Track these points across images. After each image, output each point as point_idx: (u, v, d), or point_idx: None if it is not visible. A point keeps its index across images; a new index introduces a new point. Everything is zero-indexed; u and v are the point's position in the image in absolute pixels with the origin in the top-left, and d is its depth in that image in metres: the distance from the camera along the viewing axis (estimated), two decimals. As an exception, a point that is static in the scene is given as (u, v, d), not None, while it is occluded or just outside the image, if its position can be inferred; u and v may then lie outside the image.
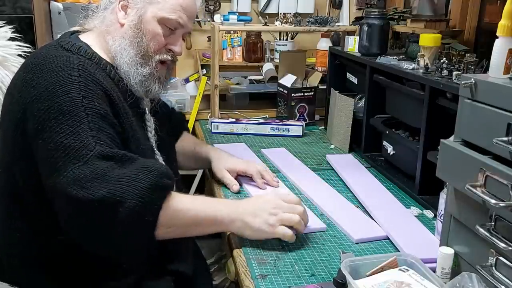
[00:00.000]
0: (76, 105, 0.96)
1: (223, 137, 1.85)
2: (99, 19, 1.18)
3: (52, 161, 0.92)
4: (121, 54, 1.12)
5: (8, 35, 1.47)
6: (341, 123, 1.74)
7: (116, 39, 1.13)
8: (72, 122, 0.95)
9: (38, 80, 0.99)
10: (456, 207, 0.88)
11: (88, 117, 0.96)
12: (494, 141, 0.76)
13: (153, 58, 1.15)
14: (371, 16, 1.66)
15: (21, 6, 2.41)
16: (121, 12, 1.15)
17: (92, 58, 1.09)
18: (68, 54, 1.05)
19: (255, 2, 2.65)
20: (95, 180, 0.89)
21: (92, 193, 0.88)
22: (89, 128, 0.95)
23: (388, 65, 1.46)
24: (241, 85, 2.35)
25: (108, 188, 0.89)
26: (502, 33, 0.81)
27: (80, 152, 0.92)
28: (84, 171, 0.90)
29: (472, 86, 0.83)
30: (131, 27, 1.13)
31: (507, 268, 0.77)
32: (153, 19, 1.13)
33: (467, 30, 1.95)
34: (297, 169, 1.51)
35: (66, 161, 0.91)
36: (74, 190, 0.88)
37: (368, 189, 1.36)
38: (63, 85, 0.98)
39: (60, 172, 0.91)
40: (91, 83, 1.01)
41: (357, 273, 0.87)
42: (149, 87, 1.16)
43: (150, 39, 1.13)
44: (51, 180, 0.92)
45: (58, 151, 0.92)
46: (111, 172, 0.91)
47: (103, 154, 0.93)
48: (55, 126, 0.94)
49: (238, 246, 1.07)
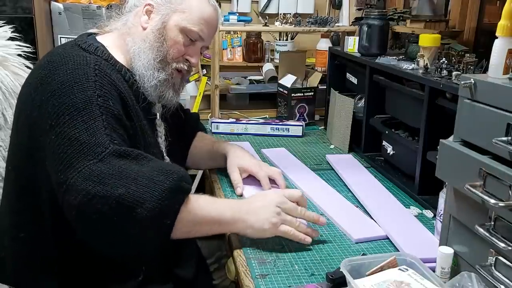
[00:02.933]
0: (91, 103, 0.96)
1: (223, 137, 1.85)
2: (122, 21, 1.19)
3: (65, 156, 0.90)
4: (139, 56, 1.13)
5: (8, 34, 1.47)
6: (341, 123, 1.74)
7: (137, 41, 1.14)
8: (87, 119, 0.94)
9: (53, 77, 0.99)
10: (456, 207, 0.88)
11: (102, 116, 0.95)
12: (494, 141, 0.76)
13: (170, 65, 1.16)
14: (370, 17, 1.66)
15: (22, 6, 2.41)
16: (145, 16, 1.16)
17: (108, 60, 1.09)
18: (85, 54, 1.05)
19: (255, 3, 2.66)
20: (112, 177, 0.88)
21: (110, 190, 0.86)
22: (103, 127, 0.94)
23: (387, 65, 1.46)
24: (241, 85, 2.36)
25: (127, 187, 0.87)
26: (501, 33, 0.81)
27: (95, 149, 0.90)
28: (101, 168, 0.88)
29: (471, 86, 0.83)
30: (153, 32, 1.14)
31: (507, 268, 0.77)
32: (175, 27, 1.15)
33: (467, 31, 1.95)
34: (297, 169, 1.51)
35: (80, 156, 0.89)
36: (90, 185, 0.86)
37: (368, 189, 1.37)
38: (78, 83, 0.97)
39: (74, 167, 0.88)
40: (107, 84, 1.01)
41: (357, 273, 0.87)
42: (163, 93, 1.17)
43: (170, 46, 1.15)
44: (62, 175, 0.89)
45: (72, 146, 0.90)
46: (128, 170, 0.90)
47: (118, 152, 0.92)
48: (69, 121, 0.93)
49: (238, 246, 1.07)
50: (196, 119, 1.55)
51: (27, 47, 1.49)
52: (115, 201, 0.86)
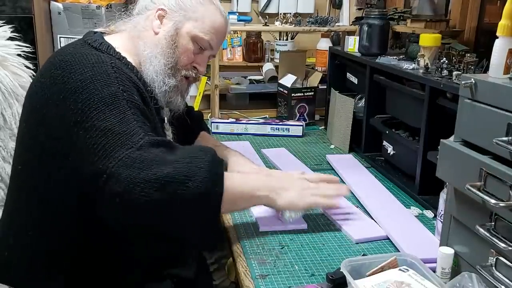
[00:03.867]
0: (118, 97, 0.96)
1: (223, 137, 1.85)
2: (131, 23, 1.19)
3: (100, 147, 0.89)
4: (150, 61, 1.13)
5: (7, 34, 1.47)
6: (341, 123, 1.74)
7: (148, 45, 1.14)
8: (116, 112, 0.94)
9: (70, 75, 0.98)
10: (456, 207, 0.88)
11: (131, 110, 0.96)
12: (494, 141, 0.76)
13: (180, 72, 1.17)
14: (371, 16, 1.66)
15: (21, 6, 2.41)
16: (157, 21, 1.16)
17: (120, 59, 1.09)
18: (98, 53, 1.05)
19: (255, 2, 2.66)
20: (154, 162, 0.88)
21: (157, 173, 0.87)
22: (134, 120, 0.95)
23: (388, 65, 1.46)
24: (241, 85, 2.36)
25: (173, 167, 0.89)
26: (502, 33, 0.81)
27: (132, 138, 0.90)
28: (142, 155, 0.88)
29: (472, 86, 0.83)
30: (166, 38, 1.14)
31: (507, 268, 0.77)
32: (187, 34, 1.15)
33: (467, 30, 1.95)
34: (297, 169, 1.50)
35: (117, 146, 0.89)
36: (135, 172, 0.86)
37: (368, 189, 1.36)
38: (100, 80, 0.97)
39: (113, 156, 0.88)
40: (126, 80, 1.02)
41: (357, 273, 0.87)
42: (172, 98, 1.18)
43: (181, 53, 1.15)
44: (101, 165, 0.88)
45: (106, 137, 0.90)
46: (167, 156, 0.91)
47: (154, 141, 0.93)
48: (98, 115, 0.93)
49: (238, 246, 1.07)
50: (199, 118, 1.55)
51: (27, 47, 1.49)
52: (164, 181, 0.87)
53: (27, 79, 1.43)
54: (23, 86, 1.40)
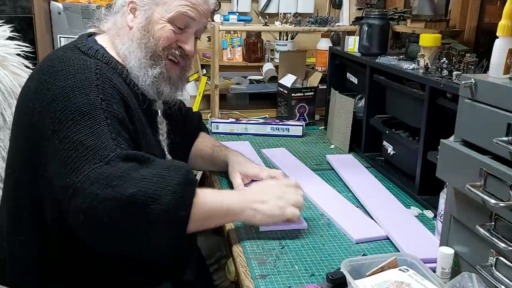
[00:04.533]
0: (95, 107, 0.95)
1: (223, 137, 1.84)
2: (111, 22, 1.18)
3: (69, 160, 0.89)
4: (129, 58, 1.13)
5: (7, 34, 1.47)
6: (341, 123, 1.74)
7: (125, 42, 1.14)
8: (91, 123, 0.93)
9: (54, 82, 0.98)
10: (456, 207, 0.88)
11: (107, 120, 0.95)
12: (494, 141, 0.76)
13: (161, 58, 1.15)
14: (371, 16, 1.66)
15: (21, 6, 2.41)
16: (130, 15, 1.15)
17: (109, 63, 1.09)
18: (85, 58, 1.05)
19: (255, 2, 2.65)
20: (120, 178, 0.86)
21: (121, 191, 0.85)
22: (108, 131, 0.93)
23: (388, 65, 1.46)
24: (241, 85, 2.35)
25: (138, 186, 0.86)
26: (502, 33, 0.81)
27: (101, 152, 0.89)
28: (108, 170, 0.86)
29: (472, 86, 0.83)
30: (139, 29, 1.13)
31: (507, 268, 0.77)
32: (161, 19, 1.13)
33: (467, 30, 1.95)
34: (297, 169, 1.51)
35: (86, 160, 0.88)
36: (99, 188, 0.84)
37: (368, 189, 1.36)
38: (80, 88, 0.97)
39: (80, 171, 0.87)
40: (109, 87, 1.01)
41: (357, 273, 0.87)
42: (160, 88, 1.16)
43: (158, 39, 1.13)
44: (68, 179, 0.87)
45: (76, 150, 0.89)
46: (136, 172, 0.89)
47: (124, 155, 0.91)
48: (73, 126, 0.92)
49: (238, 246, 1.07)
50: (198, 119, 1.55)
51: (27, 46, 1.49)
52: (127, 201, 0.85)
53: (26, 78, 1.43)
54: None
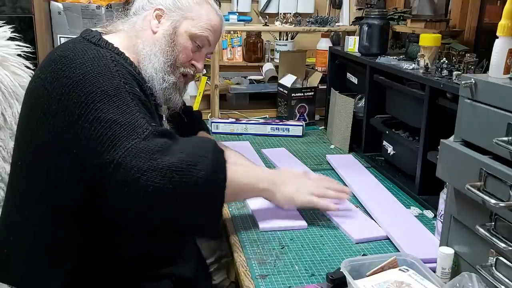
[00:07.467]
0: (120, 90, 0.98)
1: (223, 137, 1.85)
2: (129, 23, 1.21)
3: (106, 139, 0.91)
4: (149, 59, 1.15)
5: (7, 34, 1.47)
6: (341, 123, 1.74)
7: (147, 44, 1.16)
8: (120, 104, 0.96)
9: (71, 70, 0.99)
10: (456, 207, 0.88)
11: (133, 101, 0.98)
12: (494, 141, 0.76)
13: (179, 69, 1.20)
14: (371, 16, 1.66)
15: (21, 6, 2.41)
16: (155, 20, 1.19)
17: (119, 54, 1.11)
18: (97, 48, 1.07)
19: (255, 2, 2.66)
20: (160, 152, 0.91)
21: (161, 162, 0.90)
22: (137, 111, 0.97)
23: (388, 65, 1.46)
24: (241, 85, 2.35)
25: (178, 156, 0.92)
26: (502, 33, 0.81)
27: (137, 129, 0.93)
28: (147, 145, 0.91)
29: (472, 86, 0.83)
30: (165, 36, 1.17)
31: (507, 268, 0.77)
32: (185, 33, 1.19)
33: (467, 30, 1.95)
34: (297, 169, 1.51)
35: (123, 136, 0.91)
36: (141, 161, 0.89)
37: (368, 189, 1.36)
38: (102, 73, 0.99)
39: (119, 147, 0.90)
40: (127, 74, 1.04)
41: (357, 273, 0.87)
42: (170, 96, 1.20)
43: (179, 51, 1.18)
44: (108, 156, 0.90)
45: (111, 129, 0.92)
46: (172, 146, 0.94)
47: (157, 131, 0.95)
48: (102, 107, 0.94)
49: (238, 247, 1.07)
50: (199, 118, 1.55)
51: (27, 47, 1.49)
52: (170, 169, 0.90)
53: (27, 79, 1.43)
54: (23, 86, 1.40)
